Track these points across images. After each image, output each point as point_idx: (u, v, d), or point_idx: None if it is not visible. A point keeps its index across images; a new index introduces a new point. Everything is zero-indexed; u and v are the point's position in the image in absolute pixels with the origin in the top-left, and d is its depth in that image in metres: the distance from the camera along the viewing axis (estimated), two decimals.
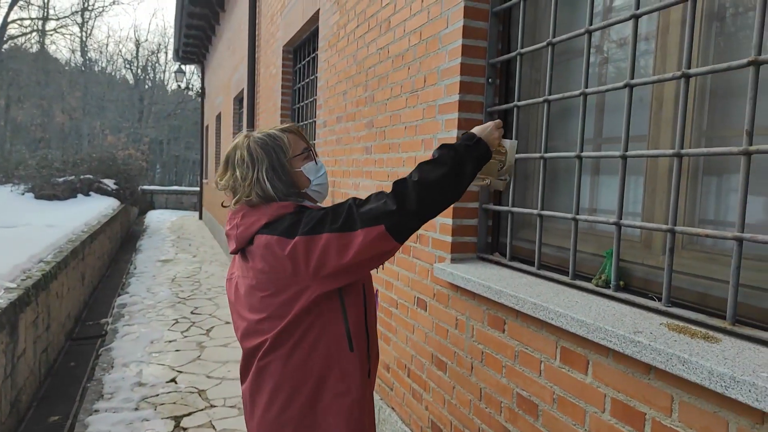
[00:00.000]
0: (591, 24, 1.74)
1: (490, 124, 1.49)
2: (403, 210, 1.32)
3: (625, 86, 1.59)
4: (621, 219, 1.63)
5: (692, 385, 1.21)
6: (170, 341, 5.23)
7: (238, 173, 1.47)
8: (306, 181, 1.54)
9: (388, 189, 1.37)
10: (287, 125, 1.59)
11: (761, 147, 1.23)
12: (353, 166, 3.47)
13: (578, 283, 1.79)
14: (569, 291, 1.77)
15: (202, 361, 4.73)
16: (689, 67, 1.41)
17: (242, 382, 1.57)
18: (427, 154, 2.47)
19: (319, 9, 4.31)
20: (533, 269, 2.00)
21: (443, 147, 1.41)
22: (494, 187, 1.59)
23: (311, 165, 1.56)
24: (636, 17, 1.56)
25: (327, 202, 1.90)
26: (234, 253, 1.52)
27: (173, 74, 18.24)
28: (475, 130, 1.47)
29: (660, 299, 1.51)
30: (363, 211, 1.34)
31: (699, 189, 1.54)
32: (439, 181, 1.35)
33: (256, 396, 1.49)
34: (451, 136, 2.27)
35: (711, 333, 1.30)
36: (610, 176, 1.86)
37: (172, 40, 29.70)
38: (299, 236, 1.34)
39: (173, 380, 4.27)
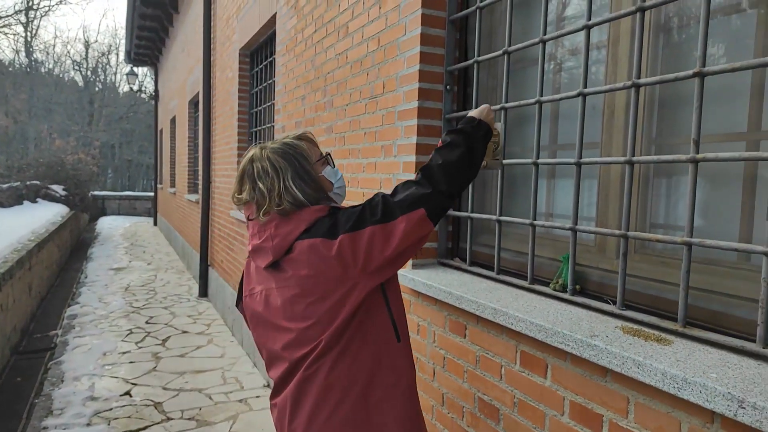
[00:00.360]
0: (545, 34, 1.77)
1: (484, 106, 1.55)
2: (437, 191, 1.38)
3: (578, 95, 1.63)
4: (576, 224, 1.67)
5: (647, 387, 1.25)
6: (124, 353, 5.07)
7: (261, 186, 1.44)
8: (329, 185, 1.56)
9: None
10: (300, 133, 1.59)
11: (708, 155, 1.28)
12: None
13: (536, 287, 1.82)
14: (528, 295, 1.80)
15: (157, 372, 4.59)
16: (639, 77, 1.46)
17: (277, 393, 1.52)
18: (388, 160, 2.47)
19: (275, 13, 4.26)
20: (493, 274, 2.03)
21: (450, 132, 1.49)
22: (491, 167, 1.66)
23: (329, 169, 1.58)
24: (588, 28, 1.60)
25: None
26: (269, 266, 1.46)
27: (125, 76, 17.71)
28: (473, 113, 1.53)
29: (615, 302, 1.55)
30: (399, 199, 1.39)
31: (650, 194, 1.60)
32: (460, 161, 1.42)
33: (302, 401, 1.43)
34: (411, 142, 2.28)
35: (663, 335, 1.35)
36: (566, 179, 1.90)
37: (123, 42, 28.91)
38: (343, 234, 1.35)
39: (128, 393, 4.14)
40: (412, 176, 2.27)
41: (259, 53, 5.42)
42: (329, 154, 1.60)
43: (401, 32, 2.36)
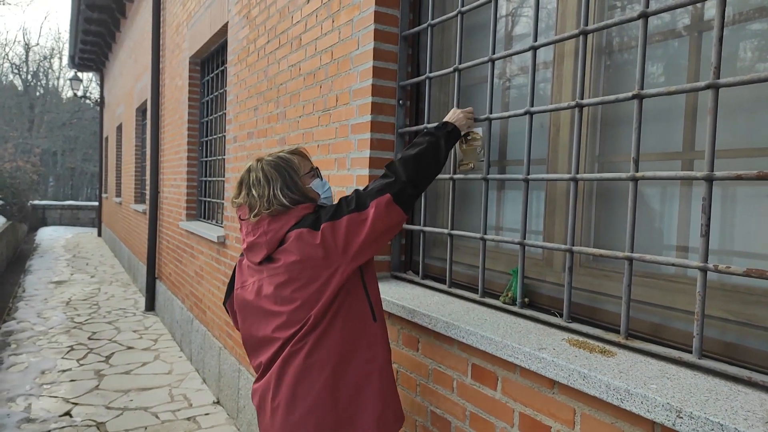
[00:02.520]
0: (494, 53, 1.82)
1: (453, 109, 1.82)
2: (399, 180, 1.59)
3: (525, 113, 1.67)
4: (525, 239, 1.71)
5: (592, 398, 1.29)
6: (64, 371, 4.83)
7: (254, 192, 1.65)
8: (316, 195, 1.75)
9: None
10: (294, 148, 1.79)
11: (646, 173, 1.34)
12: None
13: (487, 300, 1.85)
14: (479, 309, 1.83)
15: (100, 390, 4.40)
16: (582, 97, 1.52)
17: (261, 377, 1.71)
18: (341, 173, 2.47)
19: (227, 22, 4.21)
20: (445, 287, 2.05)
21: (418, 135, 1.72)
22: (477, 168, 1.89)
23: (318, 182, 1.77)
24: (534, 49, 1.65)
25: None
26: (263, 260, 1.66)
27: (69, 81, 17.02)
28: (447, 117, 1.80)
29: (562, 315, 1.59)
30: (368, 190, 1.60)
31: (593, 210, 1.65)
32: (420, 155, 1.63)
33: (285, 375, 1.62)
34: (364, 156, 2.29)
35: (607, 347, 1.39)
36: (516, 191, 1.95)
37: (67, 46, 27.78)
38: (324, 224, 1.56)
39: (68, 413, 3.95)
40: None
41: (210, 62, 5.33)
42: (318, 168, 1.80)
43: (354, 46, 2.37)
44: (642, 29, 1.35)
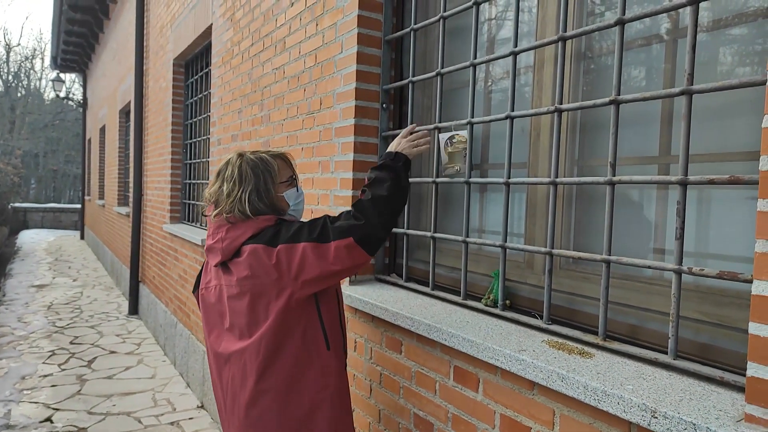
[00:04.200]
0: (476, 58, 1.84)
1: (397, 139, 1.77)
2: (368, 223, 1.53)
3: (506, 117, 1.69)
4: (506, 242, 1.73)
5: (570, 399, 1.30)
6: (45, 376, 4.77)
7: (224, 188, 1.61)
8: (286, 206, 1.71)
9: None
10: (278, 152, 1.74)
11: (623, 178, 1.36)
12: None
13: (469, 303, 1.87)
14: (461, 311, 1.84)
15: (82, 396, 4.35)
16: (561, 102, 1.54)
17: (219, 385, 1.71)
18: (325, 176, 2.47)
19: (211, 24, 4.19)
20: (428, 290, 2.06)
21: (374, 170, 1.67)
22: (463, 171, 1.89)
23: (292, 192, 1.72)
24: (515, 54, 1.67)
25: None
26: (217, 265, 1.65)
27: (51, 82, 16.81)
28: (391, 147, 1.75)
29: (542, 317, 1.61)
30: (335, 225, 1.54)
31: (573, 213, 1.68)
32: (388, 195, 1.59)
33: (240, 395, 1.62)
34: (348, 159, 2.30)
35: (586, 349, 1.41)
36: (498, 193, 1.96)
37: (49, 46, 27.41)
38: (281, 244, 1.53)
39: (48, 419, 3.90)
40: (350, 193, 2.28)
41: (195, 64, 5.30)
42: (295, 177, 1.76)
43: (338, 50, 2.38)
44: (618, 36, 1.38)
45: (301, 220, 1.70)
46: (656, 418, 1.07)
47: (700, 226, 1.36)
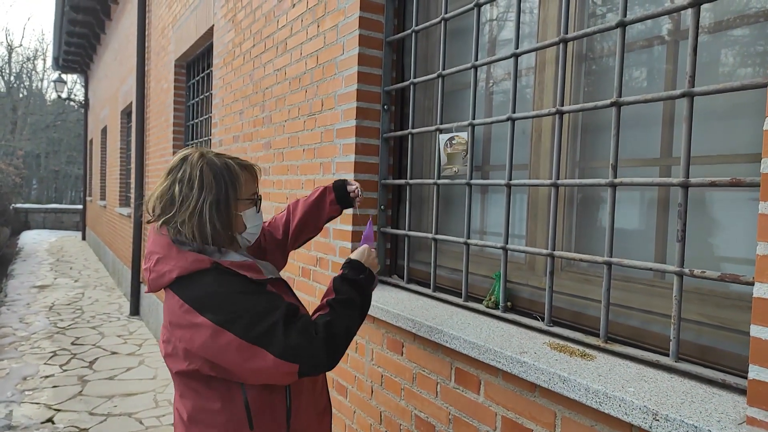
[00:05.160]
0: (477, 59, 1.84)
1: (364, 249, 1.55)
2: (330, 360, 1.30)
3: (507, 119, 1.69)
4: (507, 243, 1.72)
5: (572, 401, 1.30)
6: (47, 376, 4.77)
7: (176, 191, 1.30)
8: (242, 227, 1.42)
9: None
10: (248, 162, 1.45)
11: (624, 180, 1.36)
12: None
13: (470, 304, 1.87)
14: (462, 313, 1.84)
15: (84, 396, 4.36)
16: (563, 104, 1.54)
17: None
18: (327, 177, 2.47)
19: (213, 25, 4.20)
20: (429, 291, 2.06)
21: (345, 282, 1.44)
22: (461, 172, 1.88)
23: (252, 212, 1.44)
24: (516, 56, 1.67)
25: None
26: (149, 292, 1.41)
27: (53, 83, 16.83)
28: (355, 255, 1.54)
29: (543, 319, 1.61)
30: (290, 341, 1.24)
31: (574, 215, 1.68)
32: (357, 324, 1.42)
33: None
34: (349, 160, 2.30)
35: (587, 351, 1.41)
36: (499, 195, 1.96)
37: (51, 47, 27.43)
38: (206, 320, 1.22)
39: (50, 420, 3.90)
40: None
41: (196, 65, 5.31)
42: (260, 198, 1.49)
43: (339, 51, 2.38)
44: (620, 38, 1.38)
45: (243, 263, 1.36)
46: (658, 420, 1.07)
47: (703, 228, 1.36)
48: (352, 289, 1.42)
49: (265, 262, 1.59)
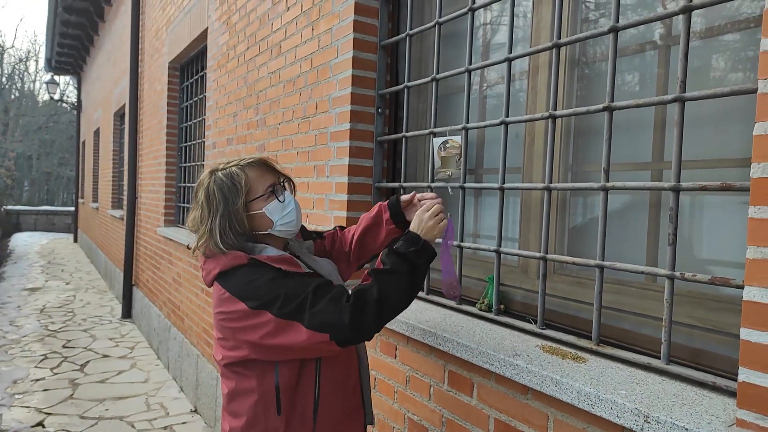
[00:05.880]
0: (471, 63, 1.85)
1: (426, 216, 1.41)
2: (355, 328, 1.28)
3: (500, 123, 1.70)
4: (500, 246, 1.73)
5: (564, 404, 1.31)
6: (37, 380, 4.74)
7: (197, 215, 1.43)
8: (269, 223, 1.45)
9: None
10: (252, 158, 1.46)
11: (616, 183, 1.37)
12: None
13: (464, 307, 1.87)
14: (456, 315, 1.85)
15: (75, 400, 4.33)
16: (555, 108, 1.55)
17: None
18: (321, 180, 2.48)
19: (207, 28, 4.20)
20: (423, 294, 2.06)
21: (392, 254, 1.35)
22: (455, 176, 1.86)
23: (274, 205, 1.44)
24: (509, 60, 1.68)
25: None
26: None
27: (45, 84, 16.75)
28: (414, 226, 1.41)
29: (536, 322, 1.62)
30: (316, 310, 1.28)
31: (567, 218, 1.69)
32: (398, 297, 1.33)
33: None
34: (343, 163, 2.30)
35: (579, 353, 1.42)
36: (493, 197, 1.97)
37: (43, 48, 27.30)
38: (245, 304, 1.31)
39: (40, 424, 3.87)
40: (344, 197, 2.28)
41: (190, 67, 5.30)
42: (278, 185, 1.48)
43: (334, 55, 2.38)
44: (612, 43, 1.39)
45: (281, 257, 1.41)
46: (649, 422, 1.08)
47: (694, 231, 1.37)
48: (399, 260, 1.34)
49: (325, 259, 1.65)
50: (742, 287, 1.00)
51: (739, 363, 0.97)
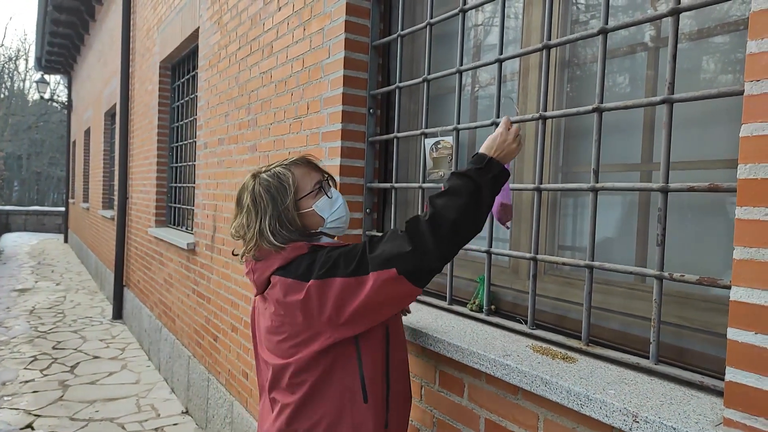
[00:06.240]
0: (462, 64, 1.85)
1: (499, 134, 1.31)
2: (419, 252, 1.21)
3: (491, 124, 1.71)
4: (491, 247, 1.74)
5: (554, 404, 1.31)
6: (27, 381, 4.70)
7: (244, 221, 1.40)
8: (319, 221, 1.45)
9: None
10: (296, 157, 1.46)
11: (606, 184, 1.38)
12: (236, 189, 3.37)
13: (455, 308, 1.88)
14: (447, 316, 1.85)
15: (65, 401, 4.29)
16: (546, 109, 1.56)
17: (262, 415, 1.53)
18: None
19: (198, 27, 4.18)
20: None
21: (453, 176, 1.28)
22: (447, 176, 1.69)
23: (323, 201, 1.44)
24: (500, 61, 1.69)
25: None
26: (257, 295, 1.47)
27: (35, 84, 16.62)
28: (486, 146, 1.31)
29: (526, 322, 1.62)
30: (375, 254, 1.26)
31: (557, 219, 1.69)
32: (457, 217, 1.23)
33: (265, 427, 1.45)
34: (335, 164, 2.30)
35: (569, 353, 1.42)
36: None
37: (33, 47, 27.11)
38: (313, 280, 1.28)
39: (29, 426, 3.84)
40: None
41: (181, 67, 5.28)
42: (324, 182, 1.47)
43: (325, 55, 2.38)
44: (601, 45, 1.40)
45: (338, 243, 1.44)
46: (637, 422, 1.08)
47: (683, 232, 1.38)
48: (459, 181, 1.26)
49: None
50: (729, 287, 1.01)
51: (726, 362, 0.98)
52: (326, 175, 1.52)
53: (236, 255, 1.47)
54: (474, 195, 1.24)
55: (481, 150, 1.31)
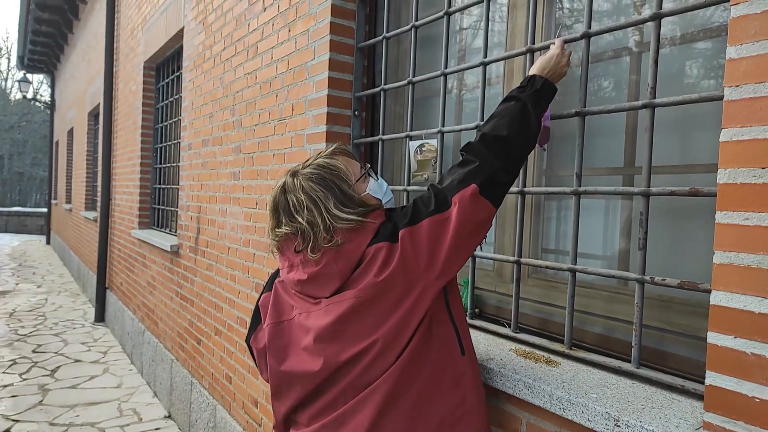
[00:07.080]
0: (446, 67, 1.85)
1: (555, 55, 1.37)
2: (486, 165, 1.24)
3: (475, 127, 1.70)
4: (475, 250, 1.73)
5: (536, 408, 1.31)
6: (5, 386, 4.61)
7: (301, 220, 1.26)
8: (376, 202, 1.37)
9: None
10: (333, 148, 1.40)
11: (588, 188, 1.38)
12: (220, 191, 3.34)
13: None
14: None
15: (44, 406, 4.22)
16: None
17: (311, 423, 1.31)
18: None
19: (183, 27, 4.14)
20: None
21: (502, 102, 1.34)
22: (431, 179, 1.81)
23: (373, 184, 1.39)
24: (484, 65, 1.69)
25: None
26: (335, 293, 1.28)
27: (17, 83, 16.39)
28: (538, 67, 1.36)
29: (510, 325, 1.62)
30: (447, 185, 1.26)
31: (541, 222, 1.69)
32: (507, 135, 1.26)
33: (351, 419, 1.24)
34: None
35: (552, 357, 1.42)
36: None
37: (15, 46, 26.72)
38: (402, 230, 1.23)
39: (7, 431, 3.76)
40: None
41: (166, 67, 5.23)
42: (370, 167, 1.43)
43: (310, 56, 2.37)
44: (584, 49, 1.40)
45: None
46: (619, 426, 1.08)
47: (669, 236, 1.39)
48: (506, 102, 1.32)
49: None
50: (710, 292, 1.01)
51: (706, 366, 0.98)
52: (363, 162, 1.47)
53: (313, 255, 1.27)
54: (520, 110, 1.29)
55: (532, 71, 1.35)
